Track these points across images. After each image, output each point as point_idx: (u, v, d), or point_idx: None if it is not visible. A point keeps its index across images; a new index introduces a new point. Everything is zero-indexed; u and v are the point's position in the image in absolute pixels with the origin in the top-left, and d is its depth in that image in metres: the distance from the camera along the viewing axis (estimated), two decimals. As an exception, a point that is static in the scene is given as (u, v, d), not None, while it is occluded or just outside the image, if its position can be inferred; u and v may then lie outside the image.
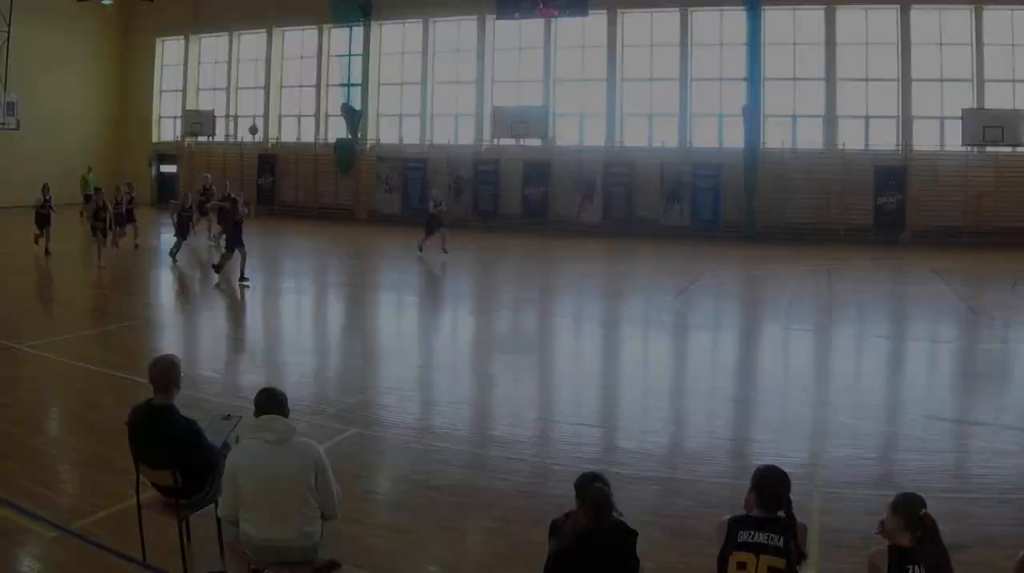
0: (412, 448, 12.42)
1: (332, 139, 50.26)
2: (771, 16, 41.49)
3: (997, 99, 38.88)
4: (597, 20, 43.98)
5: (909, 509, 6.20)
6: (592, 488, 6.50)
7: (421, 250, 31.96)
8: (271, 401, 7.41)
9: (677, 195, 41.74)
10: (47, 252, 31.26)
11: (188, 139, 54.46)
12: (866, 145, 40.83)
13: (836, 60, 40.95)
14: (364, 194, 48.30)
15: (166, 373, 8.13)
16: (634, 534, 6.50)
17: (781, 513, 6.49)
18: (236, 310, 23.94)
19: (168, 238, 33.07)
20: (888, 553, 6.16)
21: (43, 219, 32.13)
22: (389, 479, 11.55)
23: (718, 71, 42.84)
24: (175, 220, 32.00)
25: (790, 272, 30.26)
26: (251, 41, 53.76)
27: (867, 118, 40.99)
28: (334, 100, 50.35)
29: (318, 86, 51.41)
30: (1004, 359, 18.72)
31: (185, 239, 31.13)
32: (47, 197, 32.64)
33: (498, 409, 15.03)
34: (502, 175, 45.42)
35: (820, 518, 9.66)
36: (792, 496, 6.60)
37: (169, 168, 55.69)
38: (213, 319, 22.93)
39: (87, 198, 45.20)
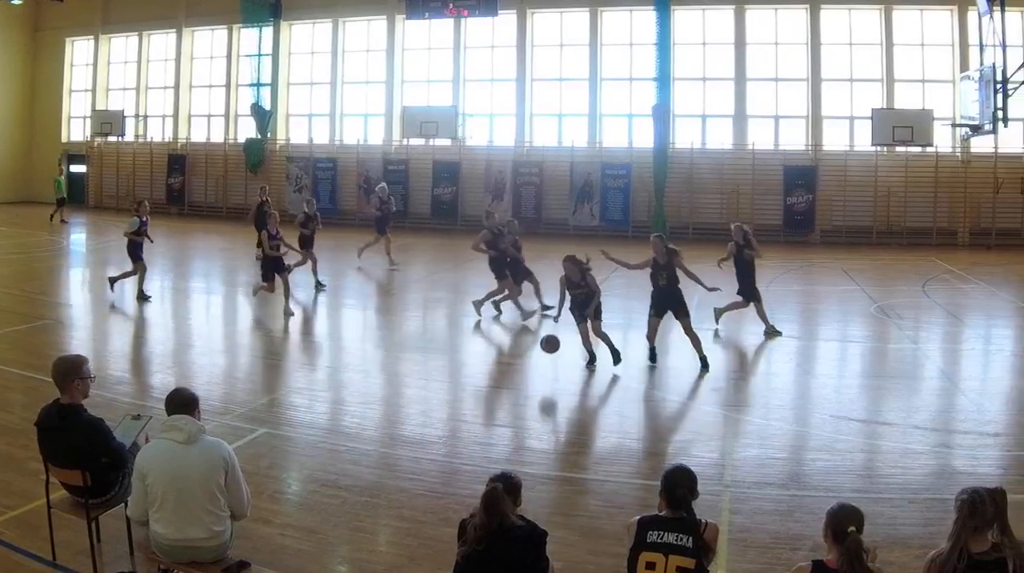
0: (321, 448, 12.11)
1: (242, 139, 47.96)
2: (681, 16, 40.01)
3: (906, 99, 37.90)
4: (507, 20, 42.23)
5: (836, 522, 5.93)
6: (486, 488, 6.39)
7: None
8: (181, 401, 7.28)
9: (587, 195, 40.07)
10: (143, 296, 22.80)
11: (98, 139, 51.92)
12: (776, 145, 39.42)
13: (746, 60, 39.52)
14: (274, 194, 45.82)
15: (65, 373, 7.89)
16: (543, 534, 6.48)
17: (684, 513, 6.38)
18: (149, 311, 22.60)
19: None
20: (813, 571, 5.90)
21: (138, 250, 22.85)
22: (298, 479, 11.20)
23: (628, 71, 41.36)
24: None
25: (699, 272, 28.88)
26: (161, 41, 51.19)
27: (777, 118, 39.61)
28: (244, 100, 47.94)
29: (228, 86, 49.02)
30: (913, 359, 18.09)
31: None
32: (144, 219, 23.27)
33: (408, 409, 14.61)
34: (412, 175, 43.50)
35: (729, 517, 9.63)
36: (702, 496, 6.61)
37: (79, 168, 52.80)
38: (125, 320, 21.89)
39: (60, 202, 43.06)
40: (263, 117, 46.85)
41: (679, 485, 6.43)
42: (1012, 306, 24.16)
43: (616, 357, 16.28)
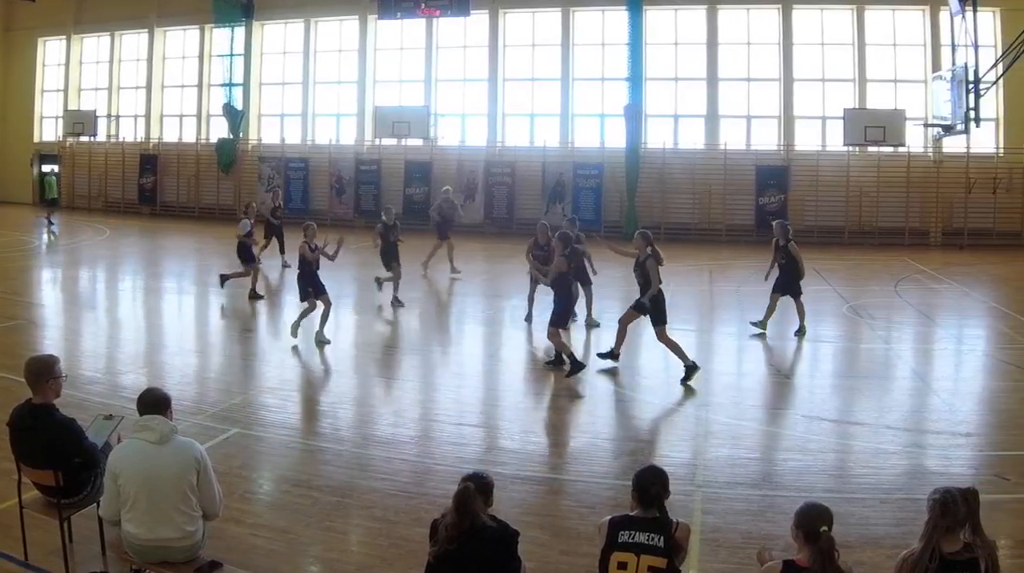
0: (293, 448, 12.16)
1: (214, 139, 47.43)
2: (653, 16, 39.74)
3: (879, 99, 37.67)
4: (479, 20, 41.79)
5: (808, 522, 5.88)
6: (458, 488, 6.37)
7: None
8: (153, 401, 7.25)
9: (558, 195, 39.85)
10: (256, 295, 23.39)
11: (70, 139, 51.33)
12: (748, 145, 39.24)
13: (718, 60, 39.27)
14: (246, 194, 44.30)
15: (38, 373, 7.90)
16: (515, 534, 6.47)
17: (656, 513, 6.37)
18: (121, 311, 22.70)
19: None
20: (783, 571, 5.86)
21: (249, 252, 22.40)
22: (270, 479, 11.13)
23: (600, 71, 41.10)
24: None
25: (671, 272, 28.31)
26: (133, 41, 50.58)
27: (749, 118, 39.39)
28: (216, 100, 47.36)
29: (200, 86, 48.42)
30: (885, 359, 18.02)
31: None
32: (251, 222, 23.76)
33: (380, 409, 14.54)
34: (384, 175, 43.06)
35: (701, 517, 9.63)
36: (673, 496, 6.61)
37: (51, 168, 52.06)
38: (97, 320, 21.78)
39: (51, 202, 42.19)
40: (235, 117, 46.37)
41: (650, 484, 6.44)
42: (984, 306, 24.00)
43: (573, 368, 15.56)
